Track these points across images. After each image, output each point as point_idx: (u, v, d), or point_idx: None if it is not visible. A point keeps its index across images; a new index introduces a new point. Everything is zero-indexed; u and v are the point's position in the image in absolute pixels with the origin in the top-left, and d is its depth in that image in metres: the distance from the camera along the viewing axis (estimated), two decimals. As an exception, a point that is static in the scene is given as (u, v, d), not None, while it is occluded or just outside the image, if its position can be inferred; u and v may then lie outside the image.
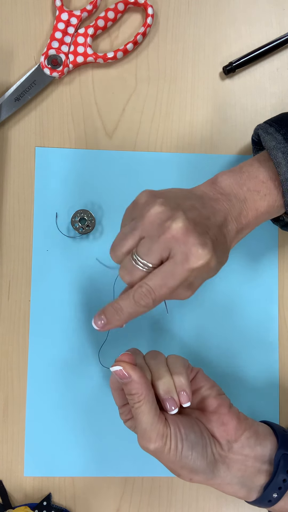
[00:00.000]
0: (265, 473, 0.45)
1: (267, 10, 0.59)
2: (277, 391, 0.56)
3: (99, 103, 0.57)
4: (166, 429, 0.43)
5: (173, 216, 0.41)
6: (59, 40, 0.56)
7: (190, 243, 0.40)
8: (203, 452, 0.44)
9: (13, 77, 0.57)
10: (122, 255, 0.43)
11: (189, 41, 0.58)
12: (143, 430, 0.43)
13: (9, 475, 0.55)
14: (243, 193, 0.45)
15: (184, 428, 0.44)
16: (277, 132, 0.46)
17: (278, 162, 0.44)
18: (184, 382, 0.45)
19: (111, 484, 0.55)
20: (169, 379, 0.45)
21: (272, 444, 0.46)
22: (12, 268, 0.56)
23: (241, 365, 0.56)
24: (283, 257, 0.57)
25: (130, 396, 0.44)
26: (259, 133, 0.48)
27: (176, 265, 0.41)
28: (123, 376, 0.44)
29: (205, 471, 0.44)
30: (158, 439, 0.43)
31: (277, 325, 0.57)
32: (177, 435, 0.43)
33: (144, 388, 0.44)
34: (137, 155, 0.57)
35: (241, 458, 0.45)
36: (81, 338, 0.55)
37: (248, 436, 0.46)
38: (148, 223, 0.41)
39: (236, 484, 0.45)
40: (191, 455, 0.43)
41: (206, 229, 0.42)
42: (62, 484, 0.55)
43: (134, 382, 0.44)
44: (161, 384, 0.45)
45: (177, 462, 0.43)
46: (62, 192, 0.56)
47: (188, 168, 0.57)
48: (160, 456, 0.44)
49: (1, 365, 0.55)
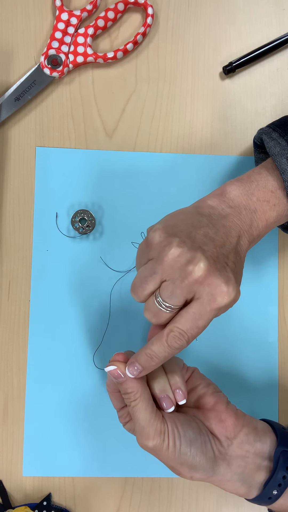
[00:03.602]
0: (265, 470, 0.45)
1: (267, 10, 0.59)
2: (277, 392, 0.56)
3: (99, 103, 0.57)
4: (164, 426, 0.44)
5: (193, 259, 0.41)
6: (59, 40, 0.56)
7: (215, 284, 0.40)
8: (202, 448, 0.44)
9: (13, 77, 0.57)
10: (144, 297, 0.43)
11: (189, 41, 0.58)
12: (141, 427, 0.44)
13: (9, 475, 0.55)
14: (253, 204, 0.44)
15: (181, 425, 0.44)
16: (281, 138, 0.45)
17: (283, 168, 0.44)
18: (179, 380, 0.46)
19: (111, 484, 0.55)
20: (164, 378, 0.46)
21: (272, 440, 0.46)
22: (12, 268, 0.56)
23: (241, 365, 0.56)
24: (283, 258, 0.57)
25: (126, 395, 0.44)
26: (262, 138, 0.47)
27: (204, 306, 0.41)
28: (118, 375, 0.44)
29: (205, 468, 0.44)
30: (156, 436, 0.43)
31: (276, 326, 0.57)
32: (174, 432, 0.44)
33: (139, 386, 0.44)
34: (137, 155, 0.57)
35: (241, 455, 0.45)
36: (80, 338, 0.55)
37: (247, 433, 0.46)
38: (169, 267, 0.41)
39: (236, 481, 0.45)
40: (190, 451, 0.44)
41: (225, 260, 0.42)
42: (62, 484, 0.55)
43: (129, 381, 0.44)
44: (156, 384, 0.46)
45: (176, 459, 0.44)
46: (62, 192, 0.56)
47: (188, 168, 0.57)
48: (159, 453, 0.44)
49: (1, 365, 0.55)
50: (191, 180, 0.57)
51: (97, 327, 0.56)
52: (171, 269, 0.41)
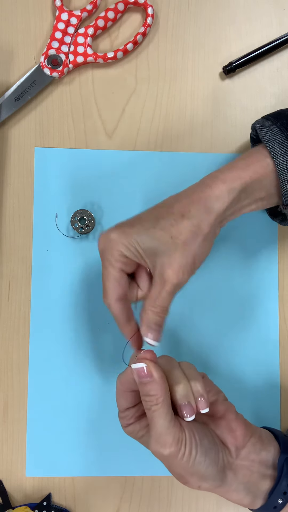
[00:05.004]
0: (270, 478, 0.45)
1: (267, 10, 0.59)
2: (278, 391, 0.56)
3: (99, 103, 0.57)
4: (182, 434, 0.42)
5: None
6: (59, 40, 0.56)
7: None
8: (216, 459, 0.43)
9: (13, 77, 0.57)
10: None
11: (189, 41, 0.58)
12: (158, 434, 0.41)
13: (9, 475, 0.55)
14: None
15: (198, 433, 0.43)
16: (273, 125, 0.46)
17: (275, 152, 0.45)
18: (202, 387, 0.44)
19: (111, 484, 0.55)
20: (186, 384, 0.43)
21: (275, 449, 0.46)
22: (12, 268, 0.56)
23: (241, 364, 0.56)
24: (283, 256, 0.57)
25: (148, 398, 0.42)
26: (255, 126, 0.48)
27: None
28: (145, 375, 0.42)
29: (214, 478, 0.43)
30: (174, 444, 0.41)
31: (277, 324, 0.57)
32: (192, 441, 0.42)
33: (163, 389, 0.42)
34: (137, 155, 0.57)
35: (247, 464, 0.45)
36: (81, 338, 0.55)
37: (254, 442, 0.45)
38: None
39: (242, 490, 0.44)
40: (204, 461, 0.42)
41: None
42: (62, 484, 0.55)
43: (155, 383, 0.42)
44: (179, 389, 0.43)
45: (189, 468, 0.42)
46: (62, 192, 0.56)
47: (188, 167, 0.57)
48: (172, 462, 0.42)
49: (1, 365, 0.55)
50: (191, 179, 0.57)
51: (97, 326, 0.56)
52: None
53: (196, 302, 0.56)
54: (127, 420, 0.46)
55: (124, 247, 0.44)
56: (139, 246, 0.44)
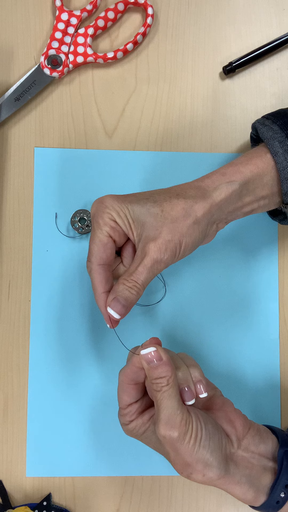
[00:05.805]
0: (271, 471, 0.45)
1: (267, 10, 0.59)
2: (278, 391, 0.56)
3: (99, 103, 0.57)
4: (189, 416, 0.43)
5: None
6: (59, 40, 0.56)
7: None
8: (219, 444, 0.44)
9: (13, 77, 0.57)
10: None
11: (189, 41, 0.58)
12: (168, 415, 0.43)
13: (9, 475, 0.55)
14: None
15: (202, 416, 0.44)
16: (273, 124, 0.47)
17: (276, 151, 0.45)
18: (200, 373, 0.46)
19: (111, 484, 0.55)
20: (186, 370, 0.45)
21: (274, 442, 0.47)
22: (12, 268, 0.56)
23: (241, 364, 0.56)
24: (283, 256, 0.57)
25: (159, 380, 0.43)
26: (256, 126, 0.48)
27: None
28: (155, 358, 0.43)
29: (219, 466, 0.43)
30: (182, 425, 0.42)
31: (277, 324, 0.57)
32: (198, 423, 0.43)
33: (173, 371, 0.44)
34: (137, 155, 0.57)
35: (247, 456, 0.45)
36: (81, 338, 0.55)
37: (253, 434, 0.46)
38: None
39: (245, 483, 0.44)
40: (209, 445, 0.43)
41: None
42: (62, 484, 0.55)
43: (165, 364, 0.43)
44: (179, 374, 0.45)
45: (194, 453, 0.43)
46: (62, 192, 0.56)
47: (188, 167, 0.57)
48: (179, 446, 0.43)
49: (1, 365, 0.55)
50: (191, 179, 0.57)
51: (97, 326, 0.56)
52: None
53: (196, 302, 0.56)
54: (129, 417, 0.47)
55: (115, 212, 0.45)
56: (129, 215, 0.45)
